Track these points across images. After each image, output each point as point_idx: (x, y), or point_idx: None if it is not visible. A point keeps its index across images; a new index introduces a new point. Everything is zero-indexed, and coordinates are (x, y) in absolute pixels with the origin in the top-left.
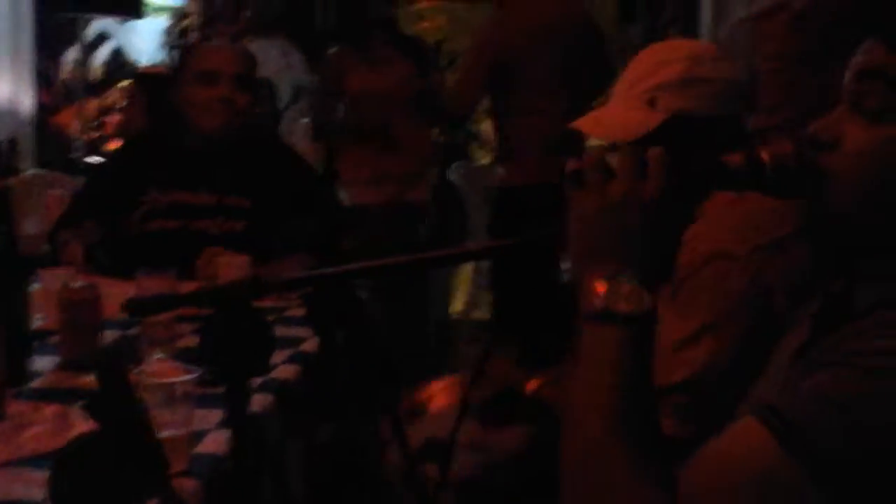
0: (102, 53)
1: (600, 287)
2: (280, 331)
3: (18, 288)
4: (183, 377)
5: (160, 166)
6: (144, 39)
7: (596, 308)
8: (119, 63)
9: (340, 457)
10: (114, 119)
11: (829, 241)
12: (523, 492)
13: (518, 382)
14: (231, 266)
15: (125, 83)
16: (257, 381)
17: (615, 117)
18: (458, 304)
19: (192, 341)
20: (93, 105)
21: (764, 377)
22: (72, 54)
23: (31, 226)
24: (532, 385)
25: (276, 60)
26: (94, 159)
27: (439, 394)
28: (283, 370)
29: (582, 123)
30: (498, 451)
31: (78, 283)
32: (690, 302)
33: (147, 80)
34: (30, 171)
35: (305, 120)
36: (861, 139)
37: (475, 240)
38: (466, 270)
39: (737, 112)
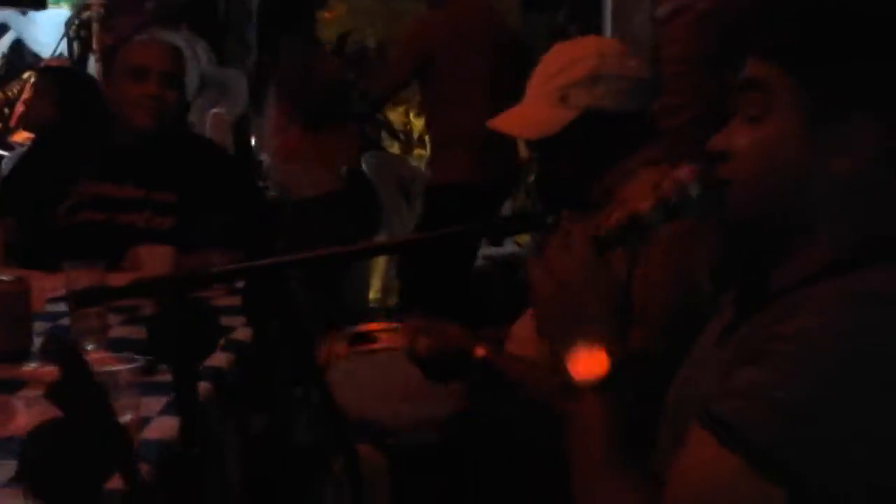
0: (2, 45)
1: (564, 363)
2: None
3: None
4: (126, 366)
5: (86, 159)
6: (45, 31)
7: (566, 384)
8: (20, 55)
9: (275, 446)
10: (17, 110)
11: (737, 245)
12: (453, 452)
13: (467, 343)
14: (154, 257)
15: (28, 75)
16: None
17: (529, 115)
18: (373, 292)
19: (122, 331)
20: None
21: (689, 360)
22: None
23: None
24: (480, 350)
25: None
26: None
27: (386, 334)
28: (217, 358)
29: (498, 122)
30: (436, 405)
31: (7, 276)
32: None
33: (54, 72)
34: None
35: (215, 110)
36: (745, 143)
37: (388, 229)
38: (380, 260)
39: (645, 107)
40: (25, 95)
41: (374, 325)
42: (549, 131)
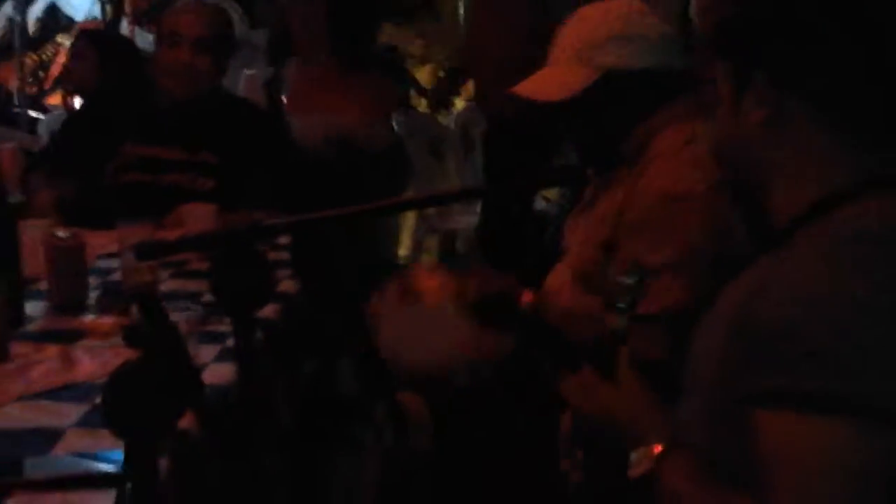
0: (37, 9)
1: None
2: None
3: (10, 235)
4: (186, 314)
5: (132, 120)
6: None
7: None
8: (54, 18)
9: (326, 389)
10: (52, 73)
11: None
12: (504, 399)
13: (515, 290)
14: (198, 215)
15: (64, 38)
16: None
17: (551, 79)
18: (403, 249)
19: (171, 285)
20: (31, 60)
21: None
22: (6, 10)
23: None
24: (528, 296)
25: None
26: (35, 113)
27: (434, 289)
28: (266, 310)
29: (520, 88)
30: (487, 353)
31: (63, 232)
32: (655, 240)
33: (93, 35)
34: None
35: (247, 71)
36: (709, 129)
37: (418, 187)
38: (411, 216)
39: (671, 64)
40: (60, 59)
41: (424, 275)
42: (570, 92)
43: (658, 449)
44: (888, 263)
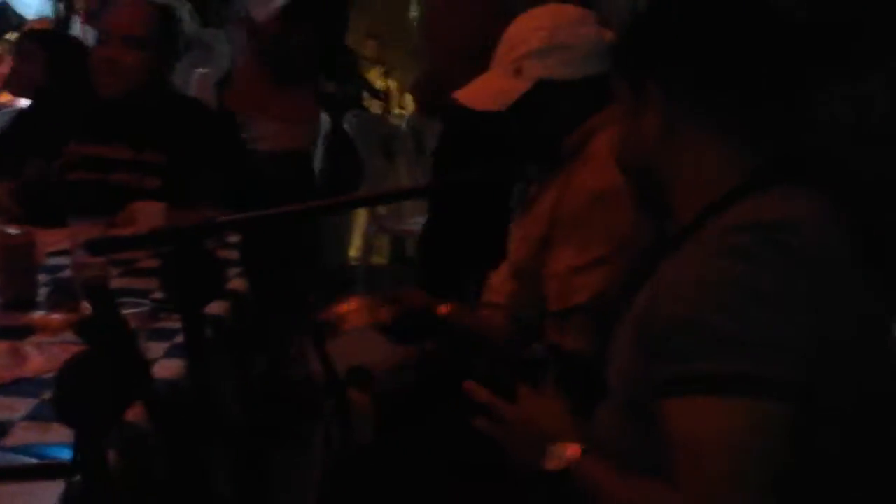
0: None
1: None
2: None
3: None
4: (133, 310)
5: (77, 119)
6: None
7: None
8: (4, 16)
9: (275, 385)
10: (2, 72)
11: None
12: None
13: (430, 305)
14: (148, 213)
15: (14, 36)
16: None
17: (487, 87)
18: (353, 249)
19: (120, 282)
20: None
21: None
22: None
23: None
24: (444, 308)
25: None
26: None
27: (351, 314)
28: (214, 307)
29: (460, 94)
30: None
31: (14, 230)
32: (586, 237)
33: (40, 35)
34: None
35: (199, 70)
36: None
37: (369, 186)
38: (362, 216)
39: (600, 72)
40: (9, 57)
41: (339, 308)
42: (504, 103)
43: (571, 449)
44: (768, 247)
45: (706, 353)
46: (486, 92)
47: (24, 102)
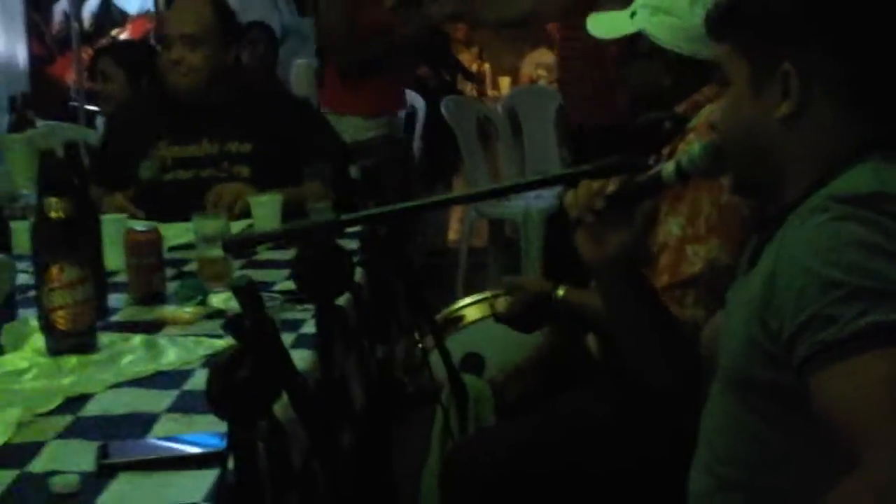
0: (92, 3)
1: None
2: None
3: (95, 232)
4: (268, 304)
5: (161, 123)
6: None
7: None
8: (108, 12)
9: (393, 373)
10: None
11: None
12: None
13: (546, 290)
14: (263, 204)
15: (118, 32)
16: None
17: (609, 17)
18: (452, 233)
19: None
20: (87, 55)
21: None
22: (62, 5)
23: None
24: (561, 291)
25: (262, 2)
26: (93, 107)
27: (469, 308)
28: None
29: (592, 24)
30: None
31: (141, 226)
32: (695, 208)
33: (117, 54)
34: (40, 123)
35: (298, 61)
36: (720, 112)
37: (465, 170)
38: None
39: (701, 55)
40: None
41: (457, 305)
42: (610, 34)
43: None
44: (879, 214)
45: (851, 311)
46: (606, 20)
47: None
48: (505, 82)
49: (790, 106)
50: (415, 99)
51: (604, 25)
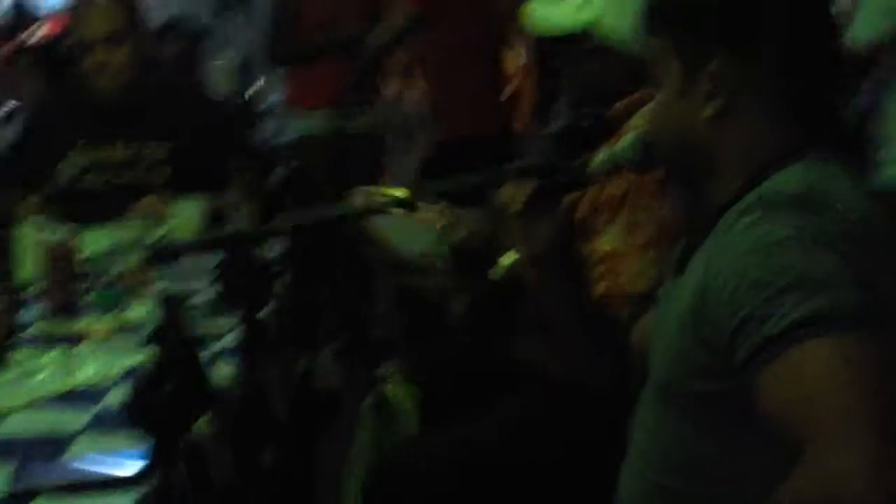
0: (3, 4)
1: None
2: None
3: (4, 243)
4: (191, 314)
5: (78, 124)
6: None
7: None
8: (20, 13)
9: (313, 387)
10: None
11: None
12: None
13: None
14: (183, 210)
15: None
16: None
17: (557, 12)
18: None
19: (162, 285)
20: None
21: (658, 301)
22: None
23: None
24: (507, 259)
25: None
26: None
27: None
28: None
29: (533, 17)
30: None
31: (57, 234)
32: (631, 220)
33: (39, 53)
34: None
35: (216, 62)
36: (652, 107)
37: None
38: None
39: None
40: None
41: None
42: (557, 31)
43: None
44: (809, 209)
45: (784, 306)
46: (552, 13)
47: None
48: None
49: (716, 105)
50: None
51: (548, 22)
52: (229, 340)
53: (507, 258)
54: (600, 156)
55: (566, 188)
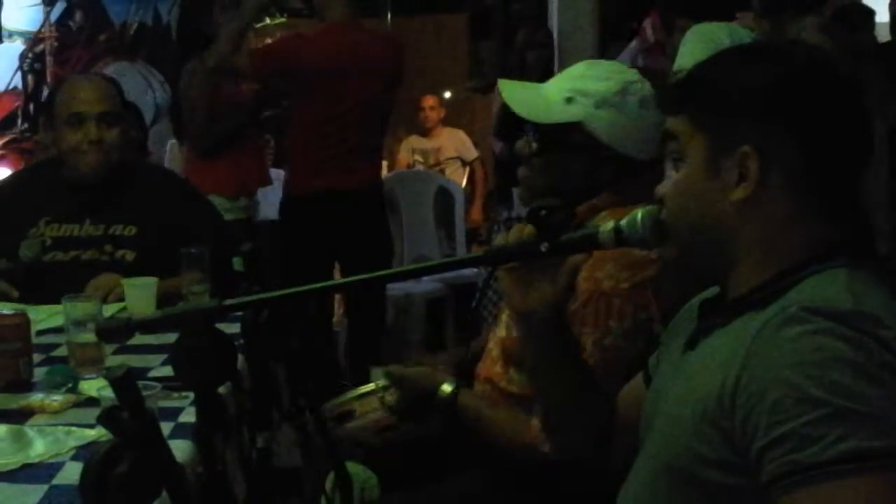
0: None
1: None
2: None
3: None
4: (147, 392)
5: (45, 200)
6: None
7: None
8: None
9: (272, 466)
10: None
11: (687, 271)
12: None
13: (433, 387)
14: (137, 287)
15: None
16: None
17: (537, 96)
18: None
19: (114, 360)
20: None
21: (658, 374)
22: None
23: None
24: (446, 388)
25: (136, 82)
26: None
27: (361, 401)
28: None
29: (508, 91)
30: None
31: (7, 309)
32: (581, 330)
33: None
34: None
35: (172, 140)
36: (669, 187)
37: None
38: None
39: (635, 156)
40: None
41: (350, 395)
42: (539, 117)
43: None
44: (860, 334)
45: (829, 436)
46: (533, 99)
47: None
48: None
49: (746, 190)
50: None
51: (530, 105)
52: (186, 417)
53: (448, 385)
54: (608, 226)
55: (574, 249)
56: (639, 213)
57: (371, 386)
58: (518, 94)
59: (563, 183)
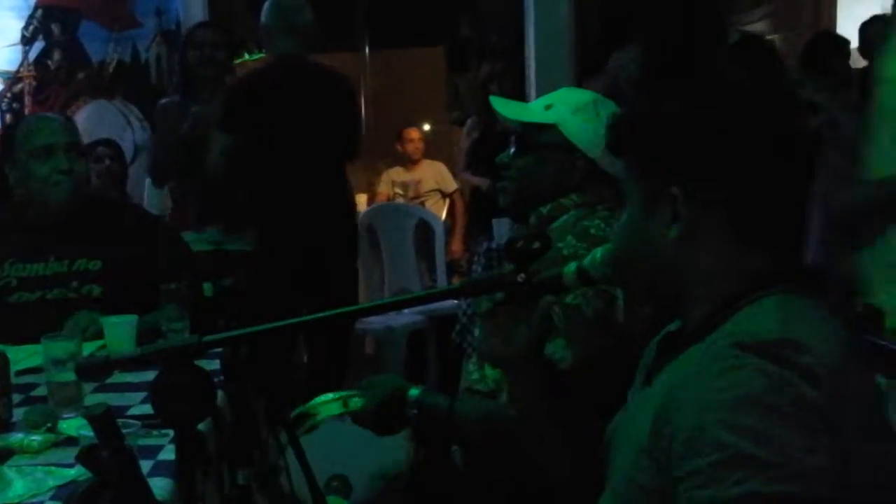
0: None
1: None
2: None
3: None
4: (125, 430)
5: (7, 243)
6: None
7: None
8: None
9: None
10: None
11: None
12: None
13: (402, 391)
14: (116, 325)
15: None
16: None
17: (521, 107)
18: None
19: (94, 400)
20: None
21: (626, 405)
22: None
23: None
24: (413, 391)
25: (115, 120)
26: None
27: (325, 406)
28: None
29: (497, 106)
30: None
31: None
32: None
33: None
34: None
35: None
36: (616, 228)
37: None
38: None
39: (598, 161)
40: None
41: (316, 401)
42: (518, 119)
43: None
44: (781, 367)
45: (729, 480)
46: (517, 106)
47: None
48: (362, 199)
49: (678, 229)
50: None
51: (513, 111)
52: (166, 455)
53: (414, 389)
54: (571, 267)
55: (542, 291)
56: (598, 252)
57: (338, 393)
58: (504, 105)
59: (537, 183)
